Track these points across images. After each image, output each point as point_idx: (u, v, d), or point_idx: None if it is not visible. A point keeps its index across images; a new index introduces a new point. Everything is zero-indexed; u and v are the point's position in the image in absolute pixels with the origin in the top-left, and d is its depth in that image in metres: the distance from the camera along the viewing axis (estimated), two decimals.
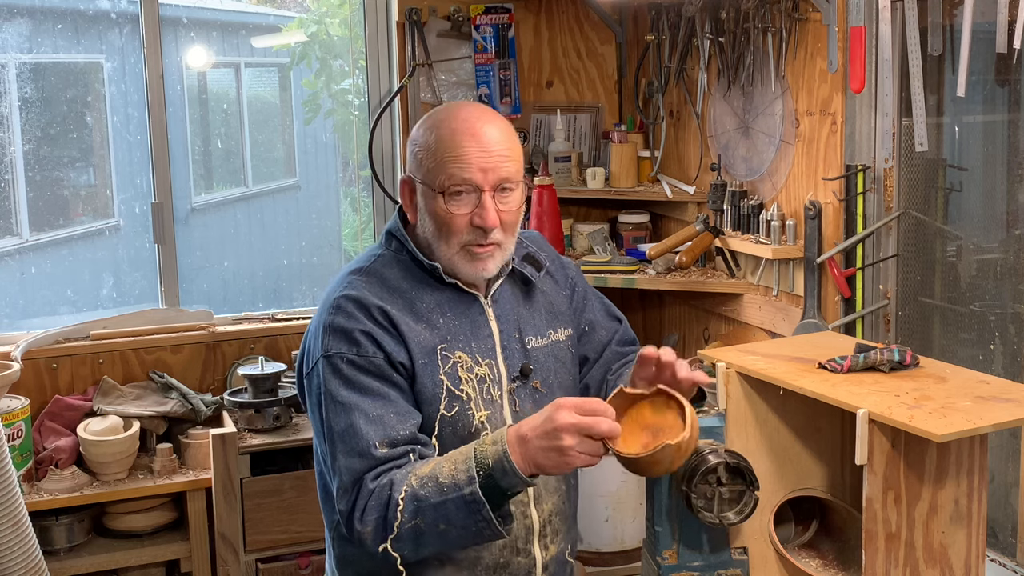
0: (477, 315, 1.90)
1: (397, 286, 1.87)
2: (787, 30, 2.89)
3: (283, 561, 3.35)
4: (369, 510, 1.73)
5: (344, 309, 1.82)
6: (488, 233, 1.83)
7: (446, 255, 1.86)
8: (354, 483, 1.76)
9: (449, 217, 1.82)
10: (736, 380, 1.97)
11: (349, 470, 1.76)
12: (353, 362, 1.79)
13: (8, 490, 2.47)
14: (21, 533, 2.51)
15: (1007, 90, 2.49)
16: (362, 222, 4.02)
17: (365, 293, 1.83)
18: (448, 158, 1.81)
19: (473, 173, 1.80)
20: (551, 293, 2.02)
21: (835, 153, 2.74)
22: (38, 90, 3.78)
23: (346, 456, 1.76)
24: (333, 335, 1.81)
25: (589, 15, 3.85)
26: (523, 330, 1.94)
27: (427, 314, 1.86)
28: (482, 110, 1.88)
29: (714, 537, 1.87)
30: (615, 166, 3.60)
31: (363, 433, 1.76)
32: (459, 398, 1.84)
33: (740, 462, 1.79)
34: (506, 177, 1.83)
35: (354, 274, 1.89)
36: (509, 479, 1.66)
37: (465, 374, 1.86)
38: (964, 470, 1.78)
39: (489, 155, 1.81)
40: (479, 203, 1.81)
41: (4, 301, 3.77)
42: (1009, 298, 2.49)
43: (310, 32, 4.52)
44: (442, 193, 1.81)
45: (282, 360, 3.64)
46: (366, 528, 1.73)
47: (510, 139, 1.86)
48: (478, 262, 1.85)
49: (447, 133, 1.83)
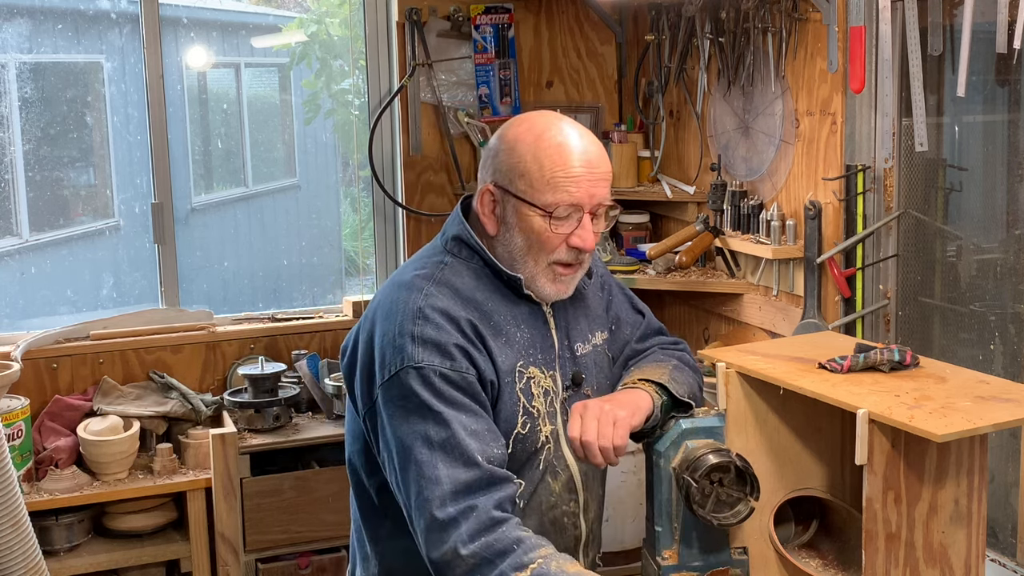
0: (542, 324, 1.87)
1: (471, 297, 1.80)
2: (787, 30, 2.89)
3: (283, 561, 3.35)
4: (484, 544, 1.63)
5: (432, 320, 1.73)
6: (582, 254, 1.80)
7: (531, 271, 1.81)
8: (459, 493, 1.66)
9: (549, 236, 1.77)
10: (736, 380, 1.97)
11: (453, 479, 1.66)
12: (446, 377, 1.71)
13: (8, 490, 2.46)
14: (21, 533, 2.50)
15: (1007, 90, 2.49)
16: (362, 222, 4.02)
17: (449, 304, 1.76)
18: (559, 179, 1.75)
19: (582, 196, 1.75)
20: (591, 298, 2.00)
21: (835, 153, 2.74)
22: (38, 90, 3.78)
23: (449, 466, 1.67)
24: (424, 347, 1.72)
25: (589, 15, 3.85)
26: (572, 337, 1.92)
27: (504, 327, 1.81)
28: (582, 127, 1.82)
29: (714, 537, 1.87)
30: (615, 166, 3.60)
31: (466, 444, 1.68)
32: (531, 414, 1.82)
33: (748, 468, 1.79)
34: (605, 200, 1.80)
35: (424, 280, 1.79)
36: None
37: (536, 389, 1.83)
38: (964, 470, 1.78)
39: (596, 178, 1.77)
40: (579, 224, 1.77)
41: (4, 301, 3.77)
42: (1009, 298, 2.49)
43: (310, 32, 4.52)
44: (548, 213, 1.76)
45: (282, 360, 3.64)
46: (469, 558, 1.62)
47: (607, 158, 1.82)
48: (560, 284, 1.83)
49: (554, 150, 1.76)
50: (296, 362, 3.63)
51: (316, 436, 3.41)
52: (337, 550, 3.40)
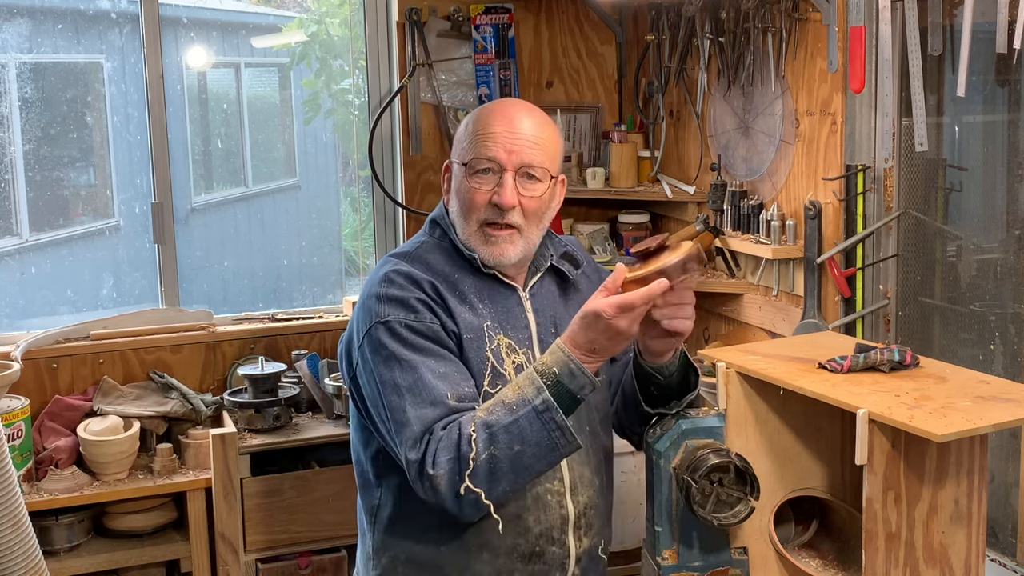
0: (515, 306, 1.94)
1: (440, 269, 1.92)
2: (787, 30, 2.89)
3: (283, 561, 3.35)
4: (440, 451, 1.74)
5: (396, 281, 1.87)
6: (505, 213, 1.87)
7: (466, 234, 1.91)
8: (425, 431, 1.76)
9: (471, 193, 1.88)
10: (736, 380, 1.97)
11: (421, 419, 1.77)
12: (411, 327, 1.83)
13: (8, 490, 2.46)
14: (21, 533, 2.50)
15: (1007, 90, 2.49)
16: (362, 222, 4.02)
17: (413, 270, 1.89)
18: (478, 136, 1.89)
19: (498, 152, 1.87)
20: (586, 293, 2.03)
21: (835, 153, 2.74)
22: (38, 90, 3.78)
23: (417, 407, 1.78)
24: (389, 303, 1.85)
25: (589, 15, 3.85)
26: (559, 325, 1.96)
27: (469, 296, 1.91)
28: (524, 103, 1.95)
29: (714, 537, 1.87)
30: (615, 166, 3.60)
31: (433, 385, 1.79)
32: (503, 376, 1.88)
33: (748, 468, 1.79)
34: (530, 163, 1.87)
35: (397, 257, 1.94)
36: (578, 380, 1.72)
37: (507, 355, 1.89)
38: (964, 470, 1.78)
39: (517, 138, 1.87)
40: (499, 182, 1.87)
41: (4, 301, 3.77)
42: (1009, 298, 2.49)
43: (310, 32, 4.52)
44: (466, 166, 1.88)
45: (282, 360, 3.64)
46: (439, 471, 1.73)
47: (544, 131, 1.91)
48: (493, 245, 1.89)
49: (484, 115, 1.92)
50: (296, 362, 3.63)
51: (316, 436, 3.41)
52: (337, 550, 3.40)
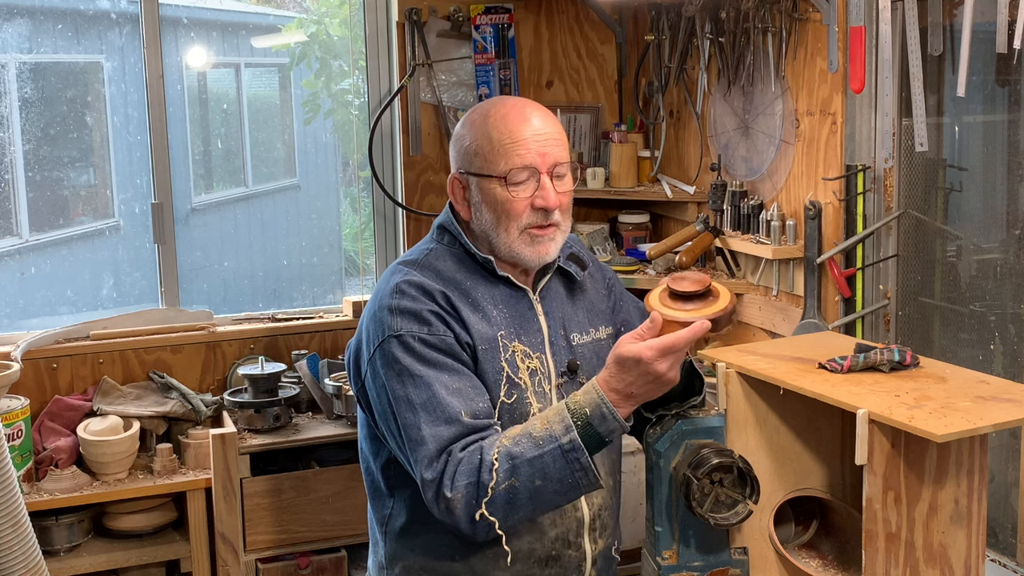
0: (526, 310, 1.94)
1: (451, 277, 1.90)
2: (787, 30, 2.89)
3: (283, 561, 3.35)
4: (459, 475, 1.73)
5: (408, 293, 1.85)
6: (550, 214, 1.87)
7: (506, 242, 1.89)
8: (441, 451, 1.75)
9: (511, 202, 1.86)
10: (736, 380, 1.97)
11: (436, 438, 1.76)
12: (425, 340, 1.81)
13: (8, 490, 2.46)
14: (21, 533, 2.50)
15: (1007, 90, 2.49)
16: (362, 222, 4.02)
17: (425, 280, 1.87)
18: (507, 146, 1.86)
19: (533, 158, 1.86)
20: (592, 292, 2.06)
21: (835, 153, 2.74)
22: (38, 90, 3.78)
23: (431, 425, 1.76)
24: (401, 316, 1.83)
25: (589, 15, 3.85)
26: (568, 327, 1.97)
27: (482, 304, 1.89)
28: (528, 101, 1.94)
29: (714, 537, 1.87)
30: (615, 166, 3.60)
31: (447, 402, 1.77)
32: (518, 386, 1.87)
33: (750, 471, 1.79)
34: (560, 161, 1.89)
35: (407, 265, 1.92)
36: (608, 424, 1.72)
37: (522, 363, 1.89)
38: (964, 470, 1.78)
39: (544, 140, 1.88)
40: (539, 185, 1.86)
41: (4, 301, 3.77)
42: (1009, 298, 2.49)
43: (310, 32, 4.52)
44: (504, 179, 1.85)
45: (282, 360, 3.64)
46: (456, 495, 1.72)
47: (556, 125, 1.92)
48: (539, 245, 1.89)
49: (500, 121, 1.88)
50: (296, 362, 3.63)
51: (316, 436, 3.41)
52: (337, 550, 3.40)
